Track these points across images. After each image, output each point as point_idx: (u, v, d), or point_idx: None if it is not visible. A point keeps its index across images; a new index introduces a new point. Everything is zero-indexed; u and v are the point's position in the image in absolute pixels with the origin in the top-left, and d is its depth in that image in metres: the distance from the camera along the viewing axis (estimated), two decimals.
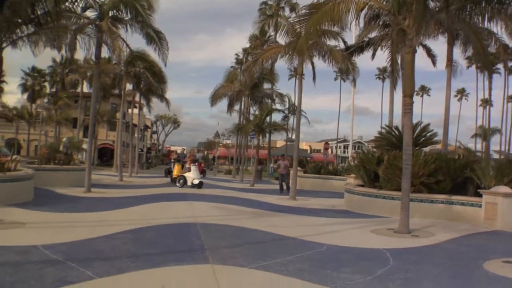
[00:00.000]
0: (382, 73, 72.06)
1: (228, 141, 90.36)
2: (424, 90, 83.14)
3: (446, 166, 13.39)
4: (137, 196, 16.69)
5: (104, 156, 54.40)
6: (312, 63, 21.46)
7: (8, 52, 8.48)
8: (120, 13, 17.25)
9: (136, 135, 48.79)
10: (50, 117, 46.85)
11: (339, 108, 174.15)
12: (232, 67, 68.34)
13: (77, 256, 6.32)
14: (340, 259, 7.15)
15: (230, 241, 8.31)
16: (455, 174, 13.42)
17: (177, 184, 21.83)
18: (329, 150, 70.85)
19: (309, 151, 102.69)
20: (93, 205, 12.85)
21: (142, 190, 19.48)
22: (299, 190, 20.21)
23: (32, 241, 7.10)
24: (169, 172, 28.50)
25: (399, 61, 15.59)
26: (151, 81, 29.45)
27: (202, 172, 31.39)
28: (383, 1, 11.00)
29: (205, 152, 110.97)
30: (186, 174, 21.99)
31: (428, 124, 16.22)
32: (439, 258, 7.46)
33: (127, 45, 20.08)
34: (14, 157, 15.01)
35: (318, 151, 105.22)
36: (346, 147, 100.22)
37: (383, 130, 17.77)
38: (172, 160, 27.92)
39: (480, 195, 11.88)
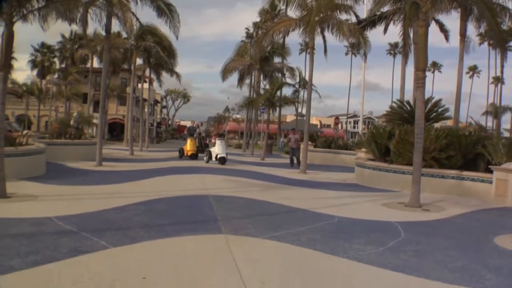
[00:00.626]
0: (393, 49, 71.43)
1: (238, 116, 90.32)
2: (435, 66, 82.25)
3: (457, 142, 13.30)
4: (148, 169, 16.78)
5: (114, 131, 54.64)
6: (324, 37, 21.24)
7: (17, 28, 8.36)
8: None
9: (146, 109, 48.83)
10: (60, 92, 46.95)
11: (350, 83, 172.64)
12: (242, 41, 67.92)
13: (90, 227, 6.38)
14: (351, 230, 7.18)
15: (242, 212, 8.36)
16: (466, 150, 13.33)
17: (204, 159, 21.64)
18: (339, 125, 70.65)
19: (319, 126, 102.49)
20: (104, 178, 12.93)
21: (153, 164, 19.57)
22: (309, 164, 20.24)
23: (46, 213, 7.17)
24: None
25: (411, 36, 15.39)
26: (161, 56, 29.29)
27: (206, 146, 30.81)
28: None
29: (216, 125, 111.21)
30: (212, 149, 21.60)
31: (440, 99, 16.08)
32: (449, 232, 7.47)
33: (137, 19, 19.98)
34: (25, 132, 15.08)
35: (328, 126, 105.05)
36: (356, 122, 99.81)
37: (395, 105, 17.62)
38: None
39: (491, 171, 11.78)
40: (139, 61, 32.63)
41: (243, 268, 4.87)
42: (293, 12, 20.83)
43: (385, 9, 19.49)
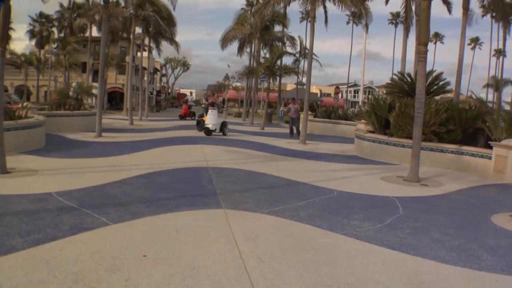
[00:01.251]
0: (395, 18, 70.49)
1: (238, 84, 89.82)
2: (437, 37, 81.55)
3: (457, 116, 13.27)
4: (148, 140, 16.77)
5: (114, 100, 54.49)
6: (325, 7, 21.00)
7: None
8: None
9: (145, 78, 48.55)
10: (59, 62, 46.60)
11: (351, 52, 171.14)
12: (242, 9, 67.18)
13: (91, 203, 6.42)
14: (350, 205, 7.22)
15: (241, 186, 8.41)
16: (466, 124, 13.31)
17: (197, 127, 21.56)
18: (340, 95, 70.19)
19: (319, 95, 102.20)
20: (104, 150, 12.95)
21: (153, 134, 19.58)
22: (309, 134, 20.28)
23: (46, 188, 7.19)
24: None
25: (413, 8, 15.16)
26: (160, 24, 29.04)
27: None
28: None
29: (211, 93, 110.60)
30: (204, 118, 21.14)
31: (441, 73, 16.01)
32: (447, 208, 7.51)
33: None
34: (24, 104, 15.01)
35: (329, 95, 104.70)
36: (356, 91, 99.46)
37: (395, 77, 17.53)
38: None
39: (490, 147, 11.77)
40: (138, 30, 32.38)
41: (242, 244, 4.92)
42: None
43: None
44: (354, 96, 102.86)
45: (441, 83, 16.45)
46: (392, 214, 6.75)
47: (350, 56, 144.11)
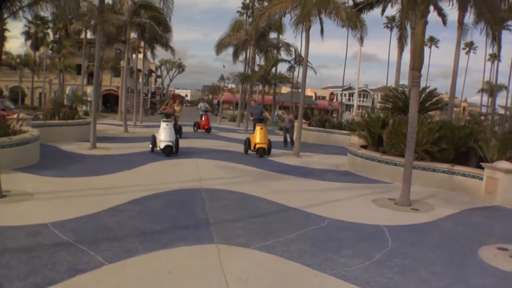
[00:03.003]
0: (390, 22, 70.84)
1: (233, 85, 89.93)
2: (432, 41, 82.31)
3: (450, 135, 13.38)
4: (142, 152, 16.88)
5: (109, 102, 54.56)
6: (320, 19, 21.12)
7: None
8: None
9: (140, 79, 48.63)
10: (54, 65, 46.54)
11: (346, 56, 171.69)
12: (238, 11, 67.29)
13: (86, 236, 6.51)
14: (340, 238, 7.33)
15: (234, 213, 8.52)
16: (459, 143, 13.44)
17: (150, 146, 16.95)
18: (335, 98, 70.14)
19: (314, 98, 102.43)
20: (98, 166, 13.04)
21: (147, 144, 19.56)
22: (303, 143, 20.39)
23: (42, 218, 7.27)
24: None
25: (408, 25, 15.36)
26: (155, 30, 29.12)
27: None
28: None
29: (210, 96, 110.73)
30: (156, 134, 16.76)
31: (435, 89, 16.22)
32: (436, 240, 7.63)
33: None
34: (20, 115, 15.07)
35: (323, 97, 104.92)
36: (351, 95, 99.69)
37: (390, 93, 17.74)
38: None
39: (482, 167, 11.89)
40: (133, 34, 32.44)
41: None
42: None
43: None
44: (349, 99, 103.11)
45: (434, 99, 16.69)
46: (381, 247, 6.88)
47: (345, 60, 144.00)
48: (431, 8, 17.86)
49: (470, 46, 77.00)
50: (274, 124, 44.06)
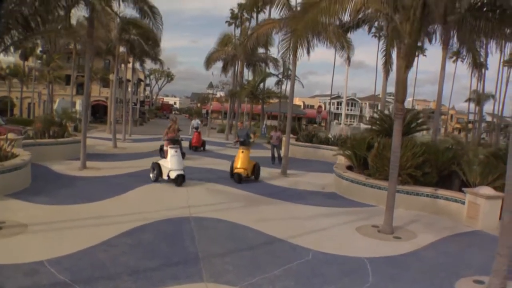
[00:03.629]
0: (378, 32, 71.52)
1: (221, 93, 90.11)
2: (420, 50, 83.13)
3: (434, 159, 13.79)
4: (132, 173, 17.13)
5: (97, 113, 54.61)
6: (308, 41, 21.48)
7: None
8: None
9: (130, 89, 48.75)
10: (43, 76, 46.54)
11: (334, 65, 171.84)
12: (227, 21, 67.65)
13: (82, 275, 6.76)
14: (324, 273, 7.64)
15: (222, 246, 8.79)
16: (442, 167, 13.86)
17: (151, 175, 15.60)
18: (322, 110, 70.33)
19: (302, 107, 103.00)
20: (89, 191, 13.25)
21: (136, 163, 19.82)
22: (290, 159, 20.90)
23: (38, 254, 7.50)
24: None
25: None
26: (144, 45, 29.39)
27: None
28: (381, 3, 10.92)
29: (198, 105, 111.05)
30: (161, 162, 15.62)
31: (419, 112, 16.63)
32: (415, 273, 7.98)
33: (119, 17, 20.09)
34: (9, 137, 15.24)
35: (312, 106, 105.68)
36: (339, 103, 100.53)
37: (376, 115, 18.17)
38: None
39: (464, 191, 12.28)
40: (123, 48, 32.67)
41: None
42: (277, 13, 21.11)
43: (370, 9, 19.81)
44: (337, 108, 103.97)
45: (419, 120, 17.16)
46: (363, 283, 7.22)
47: (333, 70, 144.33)
48: None
49: (457, 54, 77.76)
50: (263, 135, 44.37)
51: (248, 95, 30.13)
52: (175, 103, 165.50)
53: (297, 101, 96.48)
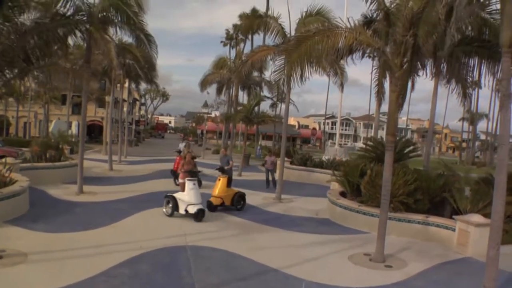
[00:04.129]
0: (372, 52, 72.35)
1: (217, 113, 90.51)
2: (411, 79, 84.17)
3: (426, 186, 14.09)
4: (128, 198, 17.37)
5: (93, 133, 54.80)
6: (301, 71, 21.90)
7: None
8: (110, 15, 17.33)
9: (125, 109, 49.05)
10: (39, 96, 46.85)
11: (328, 85, 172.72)
12: (222, 41, 68.48)
13: None
14: None
15: (218, 276, 9.02)
16: (434, 193, 14.15)
17: (164, 210, 14.70)
18: (316, 133, 70.84)
19: (297, 127, 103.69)
20: (86, 218, 13.46)
21: (132, 187, 20.02)
22: (285, 182, 21.12)
23: (39, 285, 7.76)
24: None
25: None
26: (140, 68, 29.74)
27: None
28: (372, 38, 11.31)
29: (193, 125, 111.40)
30: (177, 195, 14.59)
31: (410, 139, 16.99)
32: None
33: (116, 44, 20.44)
34: (8, 162, 15.45)
35: (306, 126, 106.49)
36: (334, 123, 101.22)
37: (370, 142, 18.57)
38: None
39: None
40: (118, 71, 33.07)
41: None
42: (271, 39, 21.52)
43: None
44: (332, 128, 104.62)
45: (411, 147, 17.56)
46: None
47: (328, 92, 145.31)
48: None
49: (449, 82, 78.90)
50: (258, 156, 44.66)
51: (242, 118, 30.41)
52: (170, 122, 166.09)
53: (291, 121, 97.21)
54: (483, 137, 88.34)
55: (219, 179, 16.38)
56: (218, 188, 16.16)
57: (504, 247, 11.23)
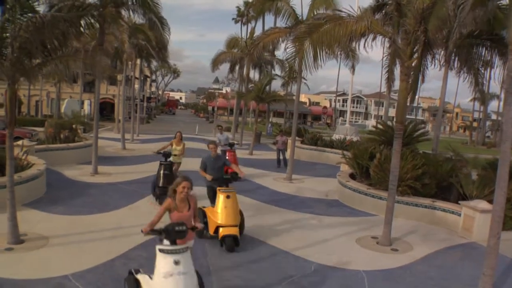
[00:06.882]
0: (383, 41, 71.74)
1: (228, 89, 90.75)
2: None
3: (433, 170, 14.32)
4: (141, 179, 17.75)
5: (105, 110, 55.31)
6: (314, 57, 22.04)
7: None
8: None
9: (136, 86, 49.39)
10: (51, 75, 47.17)
11: (339, 61, 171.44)
12: (233, 18, 68.29)
13: None
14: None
15: (231, 259, 9.42)
16: (441, 178, 14.39)
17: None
18: (329, 104, 70.67)
19: (308, 104, 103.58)
20: (103, 200, 13.94)
21: (145, 167, 20.32)
22: (296, 161, 21.60)
23: (62, 268, 8.12)
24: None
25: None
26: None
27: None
28: (383, 28, 11.40)
29: (205, 101, 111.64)
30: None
31: (420, 123, 17.16)
32: (408, 287, 8.62)
33: (129, 26, 20.68)
34: (24, 146, 15.81)
35: (317, 103, 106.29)
36: (345, 100, 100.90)
37: (379, 125, 18.77)
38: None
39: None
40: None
41: None
42: (283, 21, 21.62)
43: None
44: (343, 105, 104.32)
45: (421, 131, 17.76)
46: None
47: (339, 67, 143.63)
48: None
49: (460, 69, 78.29)
50: (269, 134, 44.92)
51: (254, 98, 30.64)
52: (180, 98, 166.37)
53: (303, 97, 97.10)
54: (494, 117, 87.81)
55: (227, 196, 10.69)
56: (229, 211, 10.47)
57: (507, 233, 11.68)
